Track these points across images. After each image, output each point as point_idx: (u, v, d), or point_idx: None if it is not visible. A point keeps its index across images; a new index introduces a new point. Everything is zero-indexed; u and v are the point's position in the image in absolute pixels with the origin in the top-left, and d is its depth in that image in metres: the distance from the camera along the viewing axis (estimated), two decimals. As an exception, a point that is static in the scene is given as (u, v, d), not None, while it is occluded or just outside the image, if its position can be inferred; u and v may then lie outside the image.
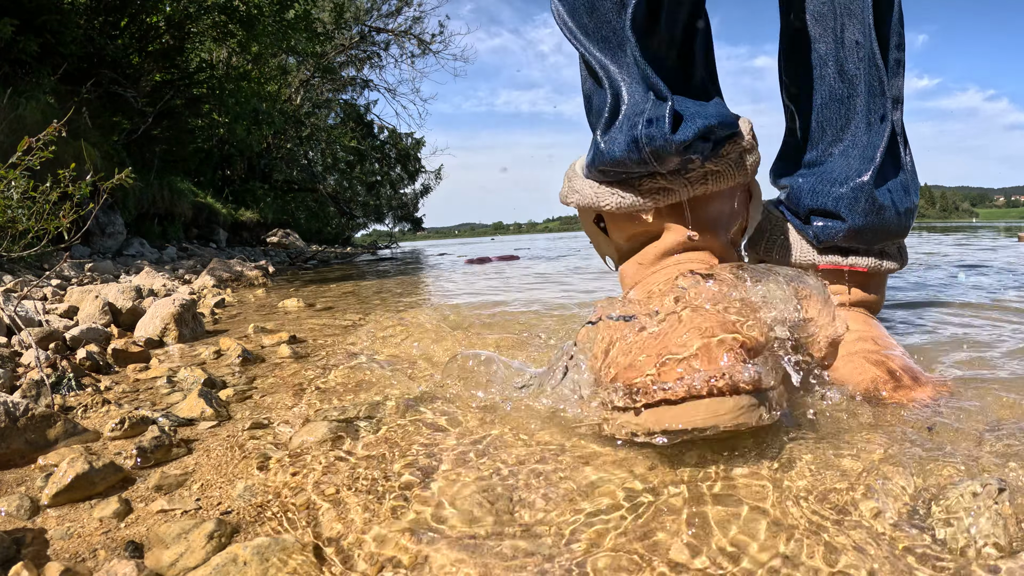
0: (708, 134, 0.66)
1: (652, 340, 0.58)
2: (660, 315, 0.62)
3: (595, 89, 0.73)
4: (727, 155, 0.70)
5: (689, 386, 0.52)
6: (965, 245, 4.47)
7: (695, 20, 0.72)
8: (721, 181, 0.70)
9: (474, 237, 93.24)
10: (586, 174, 0.77)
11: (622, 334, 0.64)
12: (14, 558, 0.44)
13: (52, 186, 1.67)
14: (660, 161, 0.65)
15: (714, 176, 0.70)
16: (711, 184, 0.70)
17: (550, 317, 1.51)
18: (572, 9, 0.71)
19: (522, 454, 0.61)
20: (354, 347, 1.28)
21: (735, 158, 0.71)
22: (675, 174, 0.69)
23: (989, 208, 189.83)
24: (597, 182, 0.74)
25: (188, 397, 0.85)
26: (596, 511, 0.49)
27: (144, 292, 1.96)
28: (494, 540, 0.46)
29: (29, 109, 4.02)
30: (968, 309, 1.36)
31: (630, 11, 0.64)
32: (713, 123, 0.65)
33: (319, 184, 15.72)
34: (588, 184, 0.76)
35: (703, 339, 0.55)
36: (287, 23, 7.77)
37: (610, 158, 0.68)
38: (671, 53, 0.70)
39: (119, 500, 0.54)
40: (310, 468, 0.61)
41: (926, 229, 9.61)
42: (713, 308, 0.59)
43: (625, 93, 0.68)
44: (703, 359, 0.53)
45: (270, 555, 0.43)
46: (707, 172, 0.70)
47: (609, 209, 0.73)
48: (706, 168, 0.69)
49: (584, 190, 0.76)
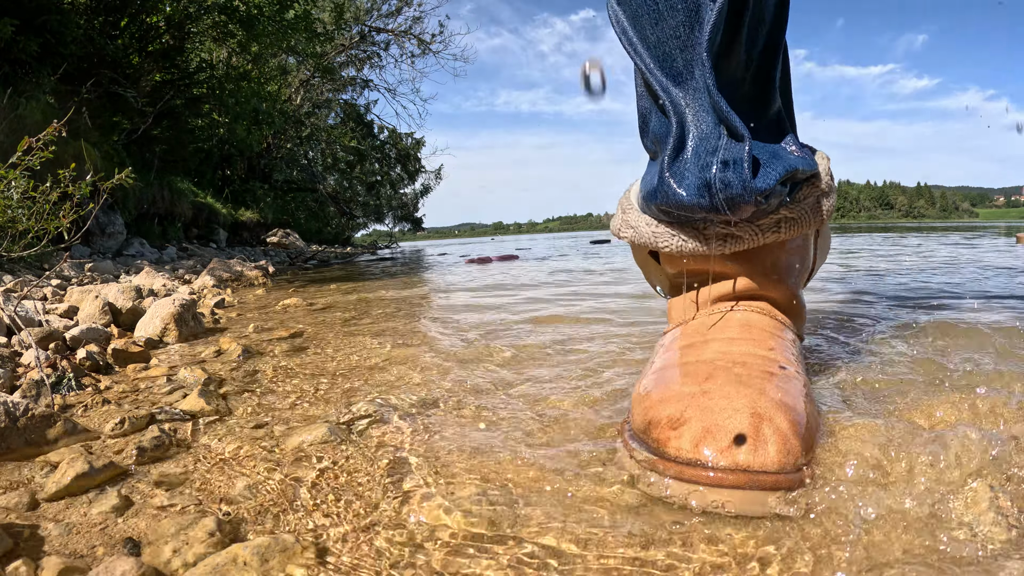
0: (788, 179, 0.59)
1: (699, 398, 0.52)
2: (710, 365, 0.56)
3: (653, 110, 0.64)
4: (803, 200, 0.63)
5: (726, 474, 0.46)
6: (965, 246, 4.47)
7: (778, 39, 0.63)
8: (794, 228, 0.63)
9: (474, 237, 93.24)
10: (642, 207, 0.69)
11: (671, 361, 0.60)
12: (12, 554, 0.44)
13: (52, 186, 1.67)
14: (734, 209, 0.57)
15: (787, 223, 0.63)
16: (783, 232, 0.63)
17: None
18: (634, 16, 0.61)
19: (527, 458, 0.61)
20: (355, 346, 1.28)
21: (812, 203, 0.64)
22: (746, 221, 0.62)
23: (989, 208, 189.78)
24: (655, 219, 0.67)
25: (188, 396, 0.85)
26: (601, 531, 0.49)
27: (144, 292, 1.96)
28: (497, 544, 0.46)
29: (29, 109, 4.02)
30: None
31: (707, 30, 0.54)
32: (795, 167, 0.58)
33: (319, 184, 15.72)
34: (644, 221, 0.68)
35: (753, 418, 0.48)
36: (287, 23, 7.77)
37: (676, 200, 0.60)
38: (747, 77, 0.62)
39: (118, 497, 0.54)
40: (311, 467, 0.61)
41: (926, 229, 9.58)
42: (771, 380, 0.54)
43: (691, 123, 0.58)
44: (752, 446, 0.47)
45: (270, 555, 0.43)
46: (781, 219, 0.62)
47: (668, 252, 0.67)
48: (780, 215, 0.62)
49: (640, 228, 0.69)
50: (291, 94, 14.34)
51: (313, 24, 9.41)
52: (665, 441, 0.51)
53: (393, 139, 19.39)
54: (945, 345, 0.93)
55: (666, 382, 0.58)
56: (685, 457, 0.49)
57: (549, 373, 0.93)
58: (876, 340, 1.02)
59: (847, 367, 0.83)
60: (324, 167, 16.89)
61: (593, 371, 0.92)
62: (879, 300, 1.55)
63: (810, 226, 0.64)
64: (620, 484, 0.53)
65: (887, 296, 1.63)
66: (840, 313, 1.33)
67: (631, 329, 1.28)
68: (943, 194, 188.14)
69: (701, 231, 0.63)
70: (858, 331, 1.12)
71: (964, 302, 1.44)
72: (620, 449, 0.59)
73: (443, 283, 3.12)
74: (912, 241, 5.62)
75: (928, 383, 0.73)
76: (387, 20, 16.40)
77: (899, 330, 1.09)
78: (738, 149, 0.55)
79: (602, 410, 0.72)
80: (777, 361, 0.58)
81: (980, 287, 1.77)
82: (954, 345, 0.93)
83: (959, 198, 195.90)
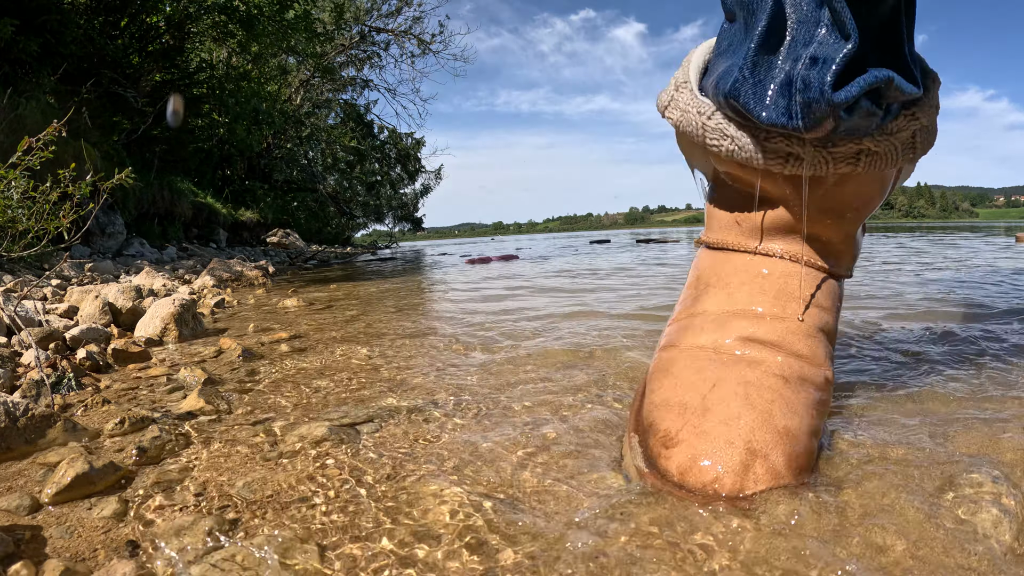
0: (880, 96, 0.46)
1: (698, 415, 0.51)
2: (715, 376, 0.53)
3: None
4: (896, 132, 0.50)
5: (711, 501, 0.46)
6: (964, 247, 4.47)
7: None
8: (876, 164, 0.51)
9: (474, 237, 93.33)
10: (700, 86, 0.58)
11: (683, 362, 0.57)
12: (13, 556, 0.44)
13: (52, 186, 1.67)
14: (809, 121, 0.45)
15: (869, 158, 0.50)
16: (862, 166, 0.51)
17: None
18: None
19: (523, 460, 0.61)
20: (355, 346, 1.28)
21: (905, 138, 0.51)
22: (818, 142, 0.50)
23: (989, 208, 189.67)
24: (712, 105, 0.54)
25: (188, 396, 0.85)
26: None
27: (144, 292, 1.96)
28: (496, 542, 0.46)
29: (29, 109, 4.02)
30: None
31: None
32: (888, 79, 0.44)
33: (319, 184, 15.72)
34: (696, 106, 0.56)
35: (748, 455, 0.47)
36: (287, 23, 7.77)
37: (744, 103, 0.48)
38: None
39: (119, 499, 0.54)
40: (310, 467, 0.61)
41: (926, 229, 9.56)
42: (782, 395, 0.51)
43: (790, 5, 0.46)
44: (738, 483, 0.46)
45: (270, 554, 0.43)
46: (862, 151, 0.50)
47: (715, 151, 0.55)
48: (863, 145, 0.50)
49: (690, 112, 0.56)
50: (291, 94, 14.34)
51: (313, 24, 9.40)
52: (657, 456, 0.51)
53: (393, 139, 19.39)
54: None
55: (675, 375, 0.57)
56: (672, 480, 0.49)
57: (549, 375, 0.93)
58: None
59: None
60: (324, 167, 16.89)
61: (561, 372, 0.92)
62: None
63: (895, 163, 0.51)
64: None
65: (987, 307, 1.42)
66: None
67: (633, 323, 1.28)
68: (943, 194, 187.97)
69: (760, 139, 0.51)
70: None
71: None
72: (625, 441, 0.59)
73: (443, 283, 3.12)
74: (924, 244, 5.62)
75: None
76: (387, 20, 16.39)
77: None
78: (835, 47, 0.43)
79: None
80: (797, 352, 0.54)
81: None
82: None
83: (959, 198, 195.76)
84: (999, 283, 1.91)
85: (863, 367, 0.89)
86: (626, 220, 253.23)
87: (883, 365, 0.90)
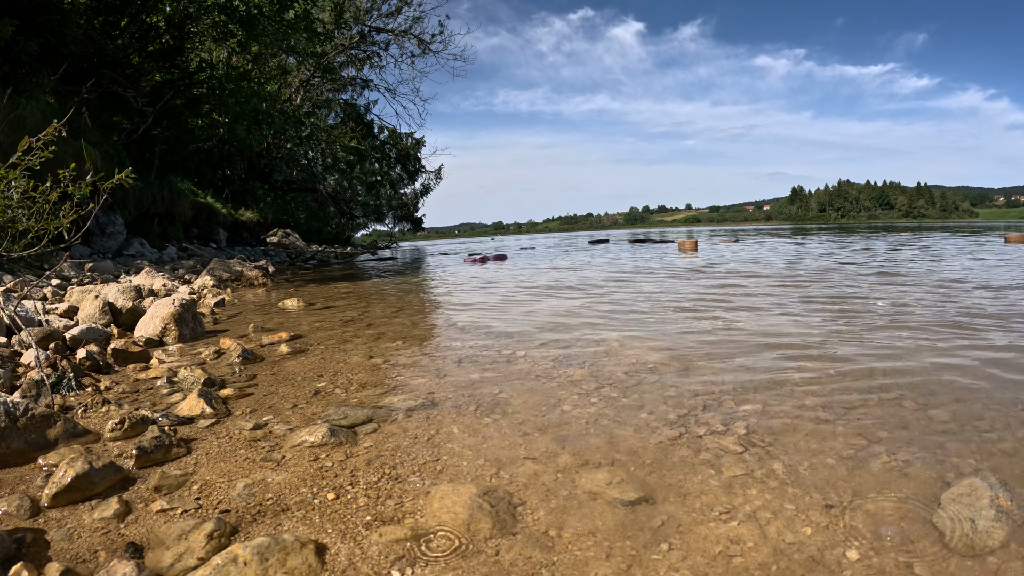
0: None
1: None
2: None
3: None
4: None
5: None
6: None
7: None
8: None
9: (474, 237, 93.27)
10: None
11: None
12: (15, 558, 0.44)
13: (52, 186, 1.67)
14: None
15: None
16: None
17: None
18: None
19: (521, 459, 0.61)
20: (354, 346, 1.28)
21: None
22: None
23: (989, 208, 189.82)
24: None
25: (188, 397, 0.85)
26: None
27: (144, 292, 1.96)
28: (496, 539, 0.46)
29: (29, 109, 4.01)
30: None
31: None
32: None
33: (319, 184, 15.70)
34: None
35: None
36: (287, 23, 7.76)
37: None
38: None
39: (119, 501, 0.54)
40: (310, 468, 0.61)
41: (926, 229, 9.49)
42: None
43: None
44: None
45: (270, 555, 0.43)
46: None
47: None
48: None
49: None
50: (291, 94, 14.32)
51: (313, 24, 9.39)
52: None
53: (393, 139, 19.36)
54: None
55: None
56: None
57: (550, 377, 0.93)
58: None
59: None
60: (324, 167, 16.87)
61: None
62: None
63: None
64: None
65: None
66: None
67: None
68: (943, 194, 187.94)
69: None
70: None
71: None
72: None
73: (443, 283, 3.11)
74: (937, 245, 5.61)
75: None
76: (387, 20, 16.37)
77: None
78: None
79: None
80: None
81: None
82: None
83: (959, 198, 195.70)
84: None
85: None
86: (626, 220, 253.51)
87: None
